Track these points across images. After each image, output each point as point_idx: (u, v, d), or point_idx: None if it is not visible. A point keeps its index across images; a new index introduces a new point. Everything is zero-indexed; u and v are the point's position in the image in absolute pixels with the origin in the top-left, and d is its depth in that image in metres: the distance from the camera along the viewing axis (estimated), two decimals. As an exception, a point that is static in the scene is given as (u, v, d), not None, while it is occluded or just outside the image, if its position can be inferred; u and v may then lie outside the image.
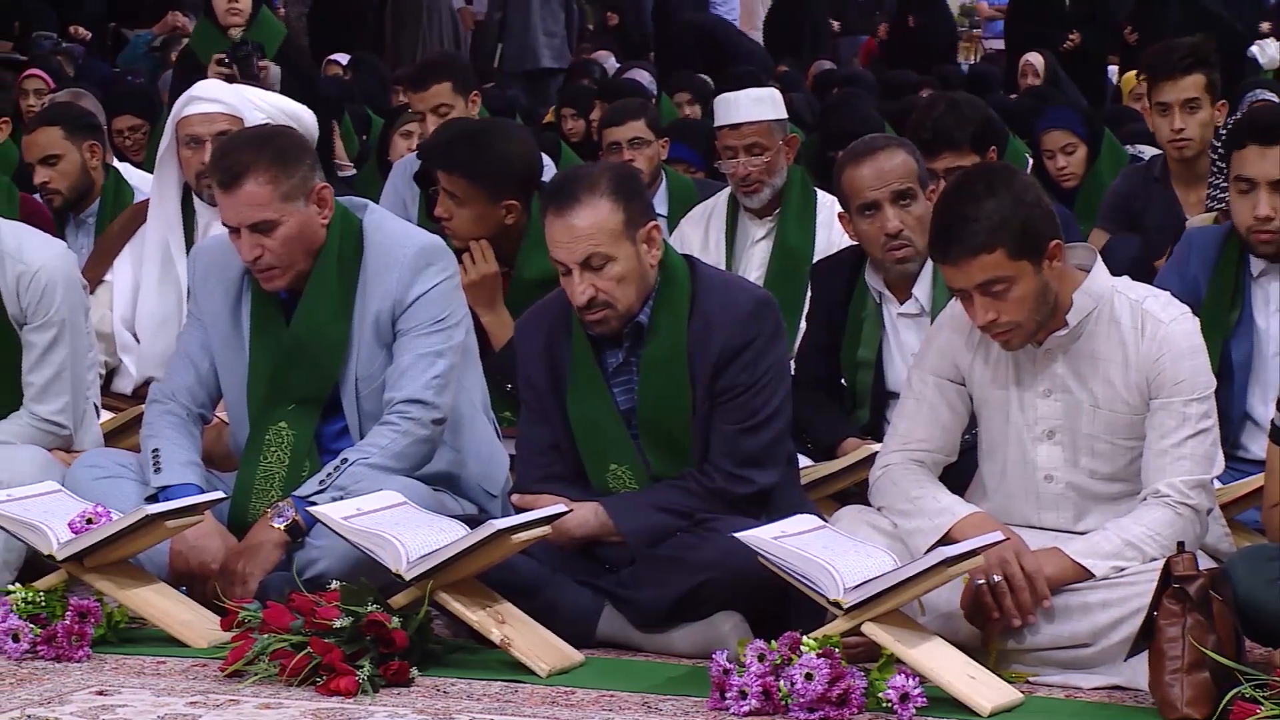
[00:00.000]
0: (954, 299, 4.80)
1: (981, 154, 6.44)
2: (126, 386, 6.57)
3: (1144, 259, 6.75)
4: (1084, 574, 4.55)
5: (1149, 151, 8.53)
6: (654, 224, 4.93)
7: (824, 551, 4.44)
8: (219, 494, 5.04)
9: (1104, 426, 4.68)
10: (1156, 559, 4.47)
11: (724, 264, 7.13)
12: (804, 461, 5.51)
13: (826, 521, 4.72)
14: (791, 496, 5.01)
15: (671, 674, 4.65)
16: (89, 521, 4.78)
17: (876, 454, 5.31)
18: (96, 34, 16.11)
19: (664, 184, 8.45)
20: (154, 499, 5.05)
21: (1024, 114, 10.26)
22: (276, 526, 4.98)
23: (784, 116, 7.34)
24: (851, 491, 5.58)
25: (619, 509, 4.90)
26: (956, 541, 4.53)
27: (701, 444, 4.92)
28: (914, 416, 4.84)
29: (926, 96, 7.78)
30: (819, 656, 4.27)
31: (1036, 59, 13.41)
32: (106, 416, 5.98)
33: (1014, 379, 4.73)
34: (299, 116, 6.40)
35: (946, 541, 4.58)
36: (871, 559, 4.45)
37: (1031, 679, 4.54)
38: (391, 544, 4.60)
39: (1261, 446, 4.95)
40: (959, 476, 4.90)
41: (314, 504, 4.89)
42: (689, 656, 4.76)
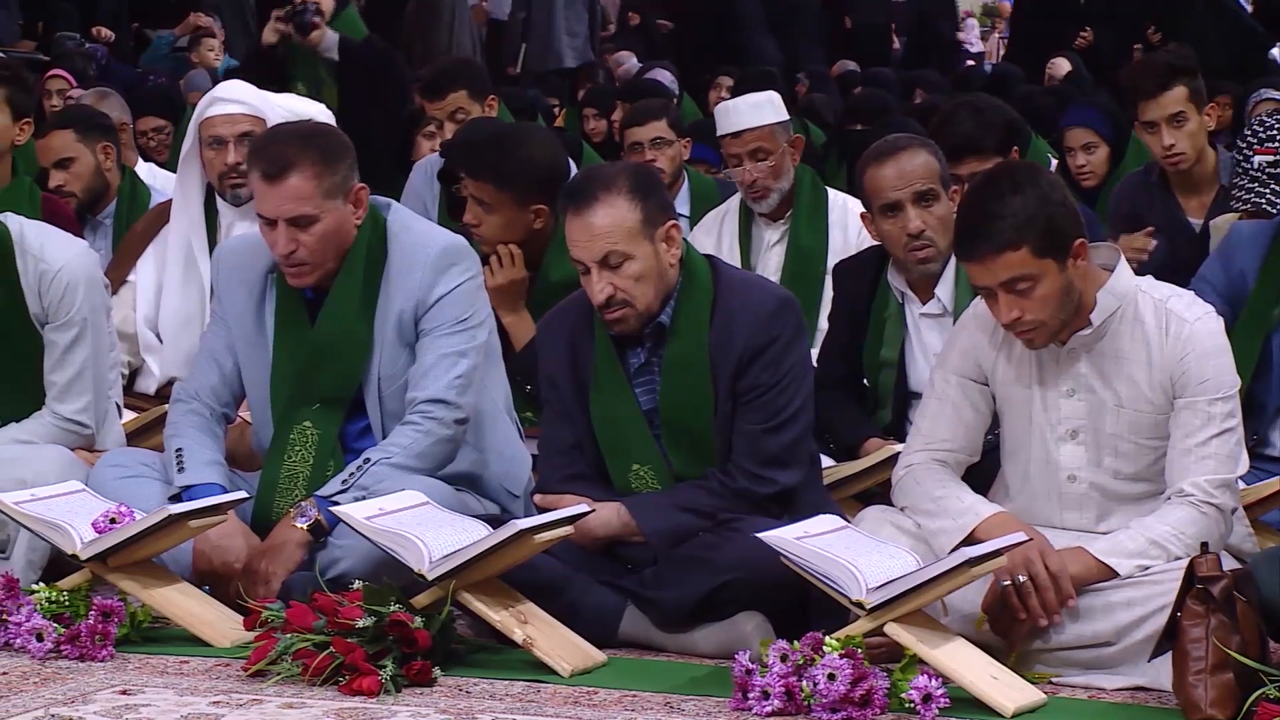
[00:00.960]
0: (977, 298, 4.80)
1: (1004, 156, 6.44)
2: (150, 386, 6.58)
3: (1174, 264, 6.74)
4: (1108, 573, 4.55)
5: None
6: (673, 223, 4.93)
7: (846, 552, 4.44)
8: (242, 494, 5.04)
9: (1127, 426, 4.67)
10: (1181, 558, 4.46)
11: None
12: (826, 462, 5.50)
13: (849, 522, 4.72)
14: (814, 497, 5.01)
15: (694, 674, 4.65)
16: (112, 521, 4.79)
17: (898, 454, 5.31)
18: (119, 34, 16.13)
19: (686, 184, 8.45)
20: (177, 498, 5.06)
21: (1047, 113, 10.25)
22: (299, 526, 4.99)
23: (785, 118, 7.30)
24: (874, 492, 5.57)
25: (641, 509, 4.90)
26: (980, 541, 4.52)
27: (724, 444, 4.92)
28: (937, 416, 4.84)
29: (949, 102, 7.75)
30: (841, 657, 4.27)
31: (1063, 63, 13.39)
32: (129, 416, 6.00)
33: (1037, 378, 4.72)
34: (314, 118, 6.40)
35: (970, 541, 4.58)
36: (894, 559, 4.45)
37: (1054, 679, 4.54)
38: (414, 544, 4.60)
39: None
40: (982, 477, 4.89)
41: (336, 504, 4.90)
42: (711, 657, 4.76)
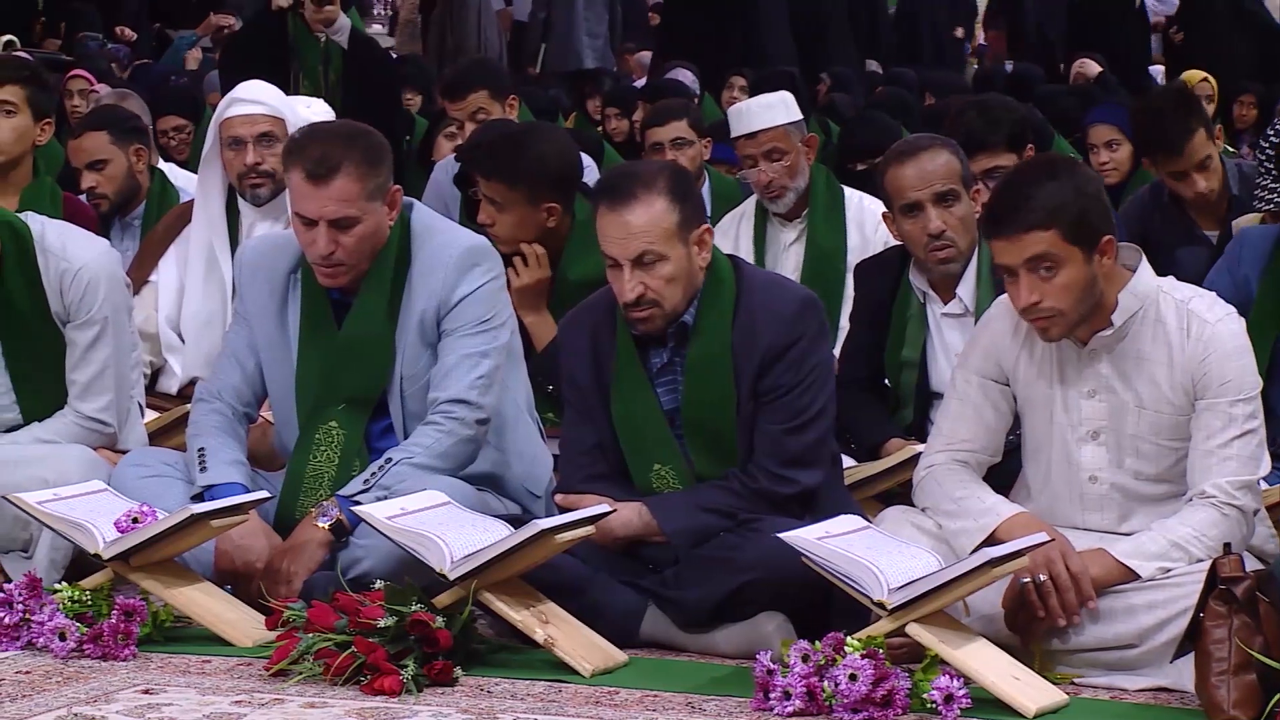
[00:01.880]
0: (999, 298, 4.79)
1: (1018, 153, 6.43)
2: (172, 386, 6.59)
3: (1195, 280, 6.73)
4: (1130, 575, 4.54)
5: None
6: (707, 227, 4.94)
7: (868, 552, 4.43)
8: (264, 493, 5.05)
9: (1149, 427, 4.66)
10: (1203, 560, 4.46)
11: (754, 269, 7.12)
12: (847, 462, 5.50)
13: (870, 522, 4.71)
14: (835, 497, 5.00)
15: (715, 674, 4.65)
16: (135, 520, 4.79)
17: (920, 454, 5.30)
18: (140, 35, 16.16)
19: (707, 184, 8.46)
20: (199, 498, 5.06)
21: (1069, 113, 10.24)
22: (321, 526, 5.00)
23: (798, 118, 7.30)
24: (895, 492, 5.57)
25: (663, 509, 4.90)
26: (1001, 542, 4.52)
27: (745, 444, 4.92)
28: (958, 417, 4.83)
29: (959, 101, 7.77)
30: (863, 657, 4.26)
31: (1090, 65, 13.38)
32: (151, 416, 6.01)
33: (1058, 379, 4.71)
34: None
35: (991, 542, 4.57)
36: (916, 560, 4.44)
37: (1076, 680, 4.53)
38: (436, 544, 4.61)
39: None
40: (1003, 477, 4.89)
41: (358, 503, 4.90)
42: (733, 657, 4.75)
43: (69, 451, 5.34)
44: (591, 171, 7.49)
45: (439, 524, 4.67)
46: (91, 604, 4.74)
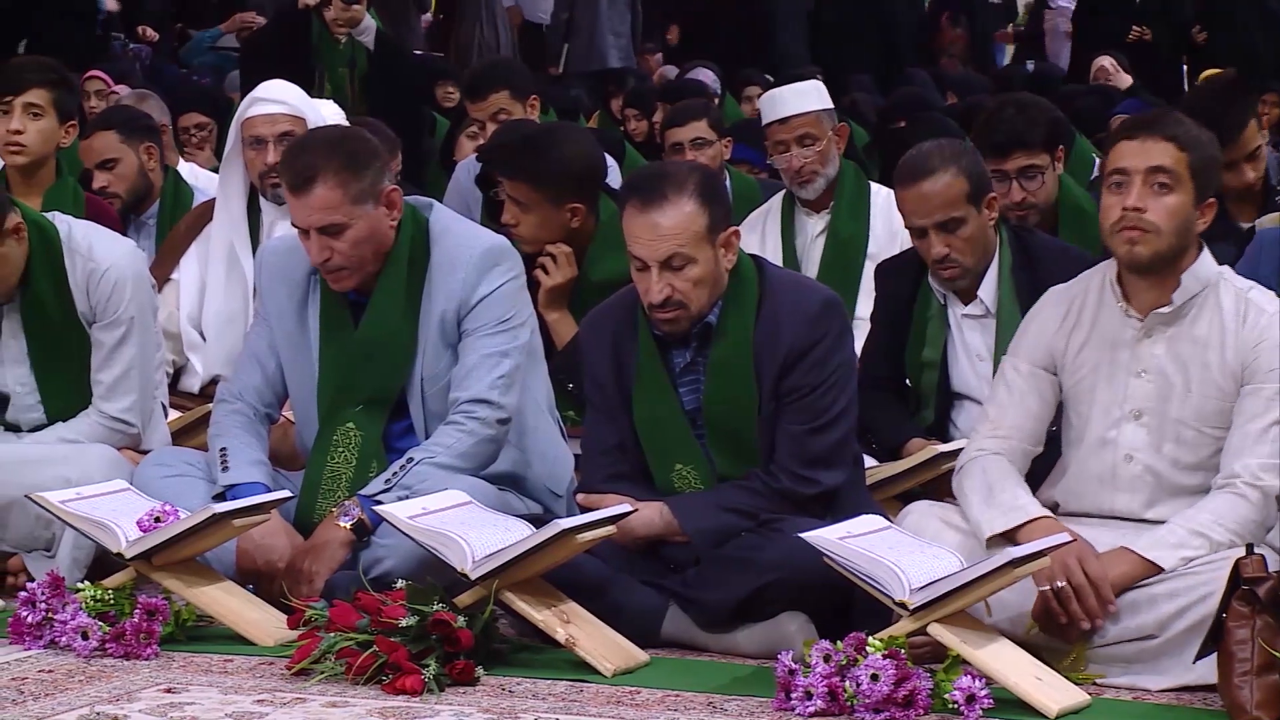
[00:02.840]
0: (1047, 292, 4.83)
1: (1051, 153, 6.42)
2: (193, 385, 6.60)
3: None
4: (1153, 569, 4.54)
5: None
6: (734, 230, 4.94)
7: (890, 552, 4.43)
8: (285, 493, 5.06)
9: (1193, 412, 4.68)
10: (1224, 545, 4.48)
11: (780, 264, 7.11)
12: (869, 462, 5.49)
13: (892, 522, 4.71)
14: (857, 497, 5.00)
15: (736, 674, 4.65)
16: (157, 520, 4.80)
17: (941, 454, 5.31)
18: (163, 34, 16.17)
19: (728, 184, 8.44)
20: (221, 497, 5.07)
21: (1089, 112, 10.21)
22: (342, 525, 5.00)
23: (830, 106, 7.32)
24: (916, 492, 5.55)
25: (684, 509, 4.90)
26: (1023, 542, 4.51)
27: (767, 444, 4.91)
28: (1004, 404, 4.86)
29: (995, 99, 7.74)
30: (885, 657, 4.26)
31: (1109, 61, 13.35)
32: (174, 415, 6.02)
33: (1109, 358, 4.74)
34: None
35: (1013, 541, 4.57)
36: (938, 559, 4.44)
37: (1099, 680, 4.52)
38: (457, 543, 4.61)
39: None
40: (1038, 464, 4.88)
41: (380, 503, 4.91)
42: (754, 657, 4.75)
43: (92, 451, 5.35)
44: (614, 172, 7.49)
45: (460, 524, 4.68)
46: (114, 603, 4.76)
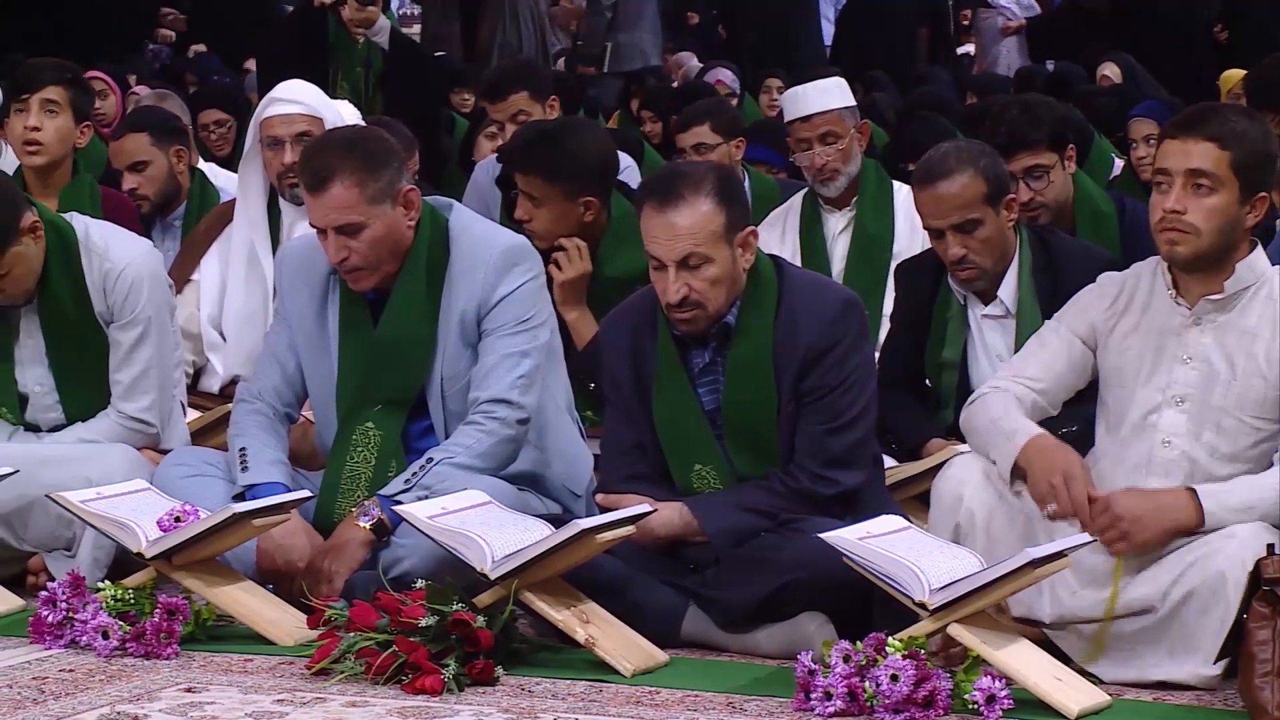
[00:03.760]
0: (1102, 275, 4.86)
1: (1059, 152, 6.38)
2: (214, 385, 6.61)
3: None
4: (1197, 524, 4.55)
5: None
6: (752, 229, 4.93)
7: (909, 552, 4.43)
8: (305, 493, 5.06)
9: (1235, 400, 4.68)
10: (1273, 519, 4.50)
11: (799, 264, 7.10)
12: (888, 462, 5.49)
13: (911, 522, 4.71)
14: (876, 497, 5.00)
15: (756, 674, 4.65)
16: (177, 520, 4.81)
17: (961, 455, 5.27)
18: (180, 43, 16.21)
19: (746, 184, 8.42)
20: (241, 497, 5.08)
21: (1108, 113, 10.19)
22: (362, 525, 5.01)
23: (852, 104, 7.30)
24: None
25: (704, 509, 4.90)
26: (1027, 462, 4.60)
27: (787, 444, 4.91)
28: (1031, 356, 4.89)
29: (1000, 100, 7.72)
30: (904, 658, 4.26)
31: (1112, 69, 13.32)
32: (193, 415, 6.03)
33: (1155, 343, 4.74)
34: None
35: (1018, 465, 4.64)
36: (957, 560, 4.44)
37: (1115, 680, 4.51)
38: (476, 543, 4.61)
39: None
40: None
41: (399, 503, 4.91)
42: (774, 657, 4.75)
43: (113, 451, 5.36)
44: (632, 172, 7.49)
45: (480, 523, 4.68)
46: (134, 603, 4.76)
